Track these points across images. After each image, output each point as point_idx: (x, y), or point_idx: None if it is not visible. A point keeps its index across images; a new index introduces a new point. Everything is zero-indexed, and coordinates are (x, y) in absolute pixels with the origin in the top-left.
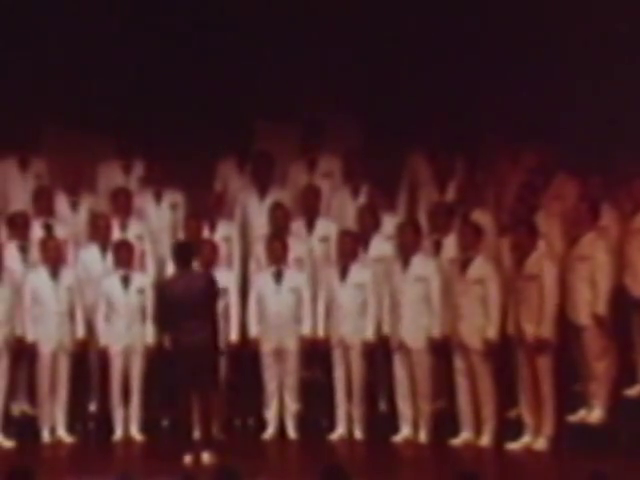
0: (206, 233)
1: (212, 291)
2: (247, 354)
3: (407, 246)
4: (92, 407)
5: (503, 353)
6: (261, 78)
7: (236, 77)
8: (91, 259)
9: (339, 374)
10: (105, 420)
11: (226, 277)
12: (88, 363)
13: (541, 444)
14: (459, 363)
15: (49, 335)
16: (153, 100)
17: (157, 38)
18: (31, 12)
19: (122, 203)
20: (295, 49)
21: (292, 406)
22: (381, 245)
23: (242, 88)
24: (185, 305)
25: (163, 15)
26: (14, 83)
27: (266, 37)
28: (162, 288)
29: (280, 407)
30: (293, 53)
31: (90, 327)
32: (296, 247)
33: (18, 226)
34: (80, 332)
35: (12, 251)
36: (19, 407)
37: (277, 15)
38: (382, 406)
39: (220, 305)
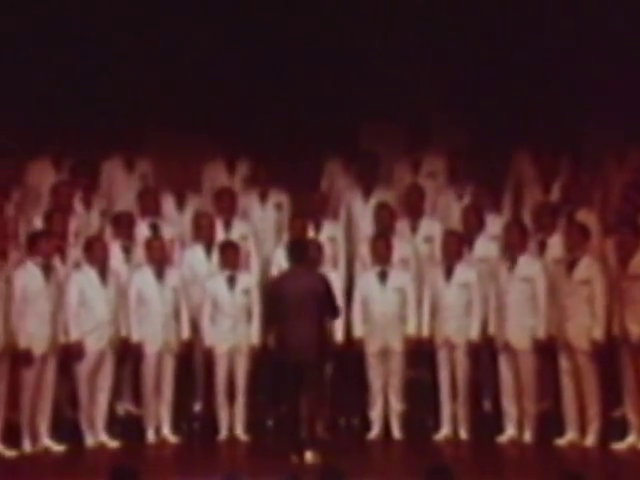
0: (311, 233)
1: (324, 292)
2: (352, 354)
3: (513, 246)
4: (197, 407)
5: (608, 353)
6: (367, 78)
7: (342, 77)
8: (196, 259)
9: (444, 374)
10: (210, 420)
11: (331, 277)
12: (193, 363)
13: None
14: (565, 363)
15: (154, 336)
16: (259, 101)
17: (264, 40)
18: (137, 14)
19: (226, 203)
20: (401, 49)
21: (397, 406)
22: (486, 245)
23: (348, 88)
24: (294, 302)
25: (268, 17)
26: (119, 84)
27: (372, 37)
28: (272, 283)
29: (385, 407)
30: (399, 53)
31: (195, 327)
32: (401, 247)
33: (123, 226)
34: (185, 332)
35: (116, 251)
36: (124, 407)
37: (382, 15)
38: (487, 406)
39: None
